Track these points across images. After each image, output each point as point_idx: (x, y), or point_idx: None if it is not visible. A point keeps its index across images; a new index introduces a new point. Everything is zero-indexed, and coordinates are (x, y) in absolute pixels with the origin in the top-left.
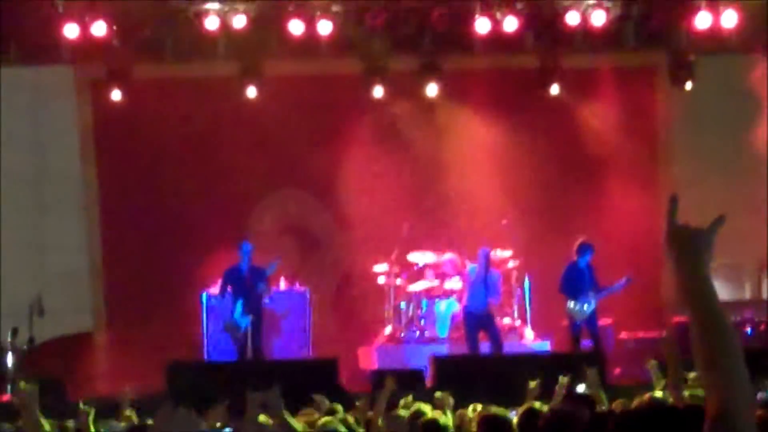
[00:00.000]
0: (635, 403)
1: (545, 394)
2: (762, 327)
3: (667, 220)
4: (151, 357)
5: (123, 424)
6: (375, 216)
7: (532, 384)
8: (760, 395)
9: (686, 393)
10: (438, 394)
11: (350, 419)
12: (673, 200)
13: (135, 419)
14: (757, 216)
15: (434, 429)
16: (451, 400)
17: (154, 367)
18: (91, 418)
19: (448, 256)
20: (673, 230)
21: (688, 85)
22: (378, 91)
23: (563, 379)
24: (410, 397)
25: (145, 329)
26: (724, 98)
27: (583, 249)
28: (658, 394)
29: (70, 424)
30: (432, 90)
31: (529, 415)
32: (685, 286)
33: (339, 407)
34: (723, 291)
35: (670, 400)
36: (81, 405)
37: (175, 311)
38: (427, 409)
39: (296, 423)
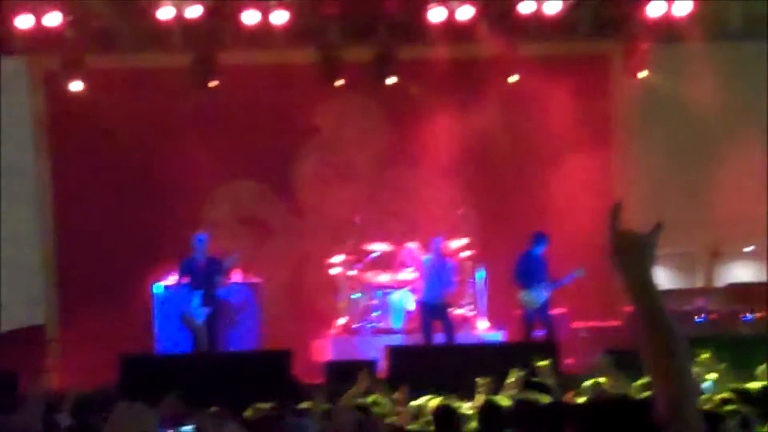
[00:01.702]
0: (587, 395)
1: (498, 385)
2: (713, 315)
3: (609, 225)
4: (104, 350)
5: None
6: (329, 206)
7: (482, 381)
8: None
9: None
10: (396, 393)
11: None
12: (616, 207)
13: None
14: (708, 204)
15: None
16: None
17: (107, 359)
18: None
19: (408, 245)
20: (616, 236)
21: (642, 73)
22: (333, 81)
23: (514, 373)
24: (355, 388)
25: (98, 322)
26: (677, 86)
27: (538, 239)
28: (602, 380)
29: None
30: (388, 79)
31: (489, 407)
32: (630, 289)
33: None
34: (675, 279)
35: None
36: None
37: (128, 304)
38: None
39: None
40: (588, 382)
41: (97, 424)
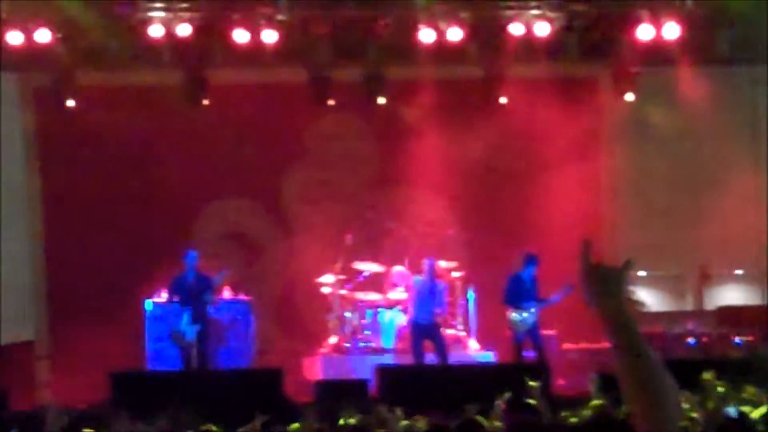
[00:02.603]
0: (581, 414)
1: (486, 406)
2: (704, 338)
3: (581, 261)
4: (94, 366)
5: None
6: (319, 224)
7: (470, 407)
8: (731, 410)
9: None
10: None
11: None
12: (586, 243)
13: None
14: (697, 227)
15: None
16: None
17: (98, 376)
18: None
19: (398, 268)
20: (588, 270)
21: (630, 96)
22: (323, 100)
23: (503, 396)
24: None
25: (88, 339)
26: (665, 109)
27: (528, 260)
28: (597, 402)
29: None
30: (378, 100)
31: (470, 427)
32: (604, 321)
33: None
34: (665, 302)
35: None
36: None
37: (118, 320)
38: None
39: None
40: (594, 402)
41: None
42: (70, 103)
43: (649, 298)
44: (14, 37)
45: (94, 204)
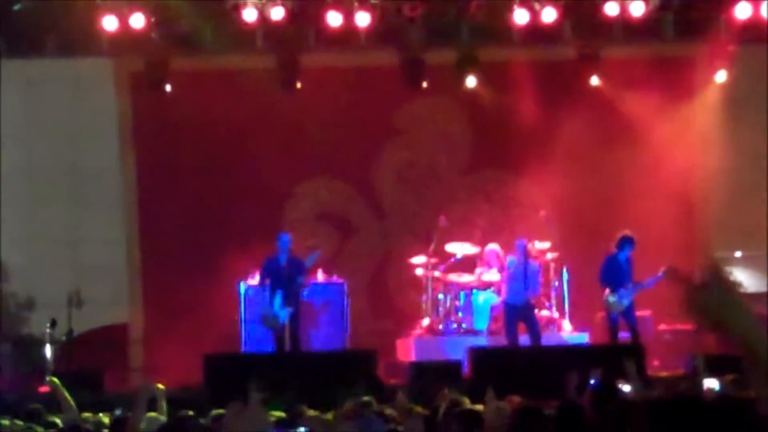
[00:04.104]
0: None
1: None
2: None
3: (682, 290)
4: (187, 348)
5: (162, 418)
6: (411, 206)
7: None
8: None
9: None
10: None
11: (387, 412)
12: (670, 270)
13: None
14: None
15: (472, 419)
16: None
17: (191, 358)
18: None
19: (491, 246)
20: (691, 290)
21: (724, 75)
22: (415, 83)
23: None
24: (446, 390)
25: (181, 320)
26: (762, 88)
27: (624, 242)
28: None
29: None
30: (470, 81)
31: (569, 409)
32: (732, 338)
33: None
34: (762, 282)
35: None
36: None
37: (212, 302)
38: (464, 400)
39: None
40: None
41: (191, 422)
42: (167, 87)
43: (745, 278)
44: (109, 23)
45: (188, 187)
